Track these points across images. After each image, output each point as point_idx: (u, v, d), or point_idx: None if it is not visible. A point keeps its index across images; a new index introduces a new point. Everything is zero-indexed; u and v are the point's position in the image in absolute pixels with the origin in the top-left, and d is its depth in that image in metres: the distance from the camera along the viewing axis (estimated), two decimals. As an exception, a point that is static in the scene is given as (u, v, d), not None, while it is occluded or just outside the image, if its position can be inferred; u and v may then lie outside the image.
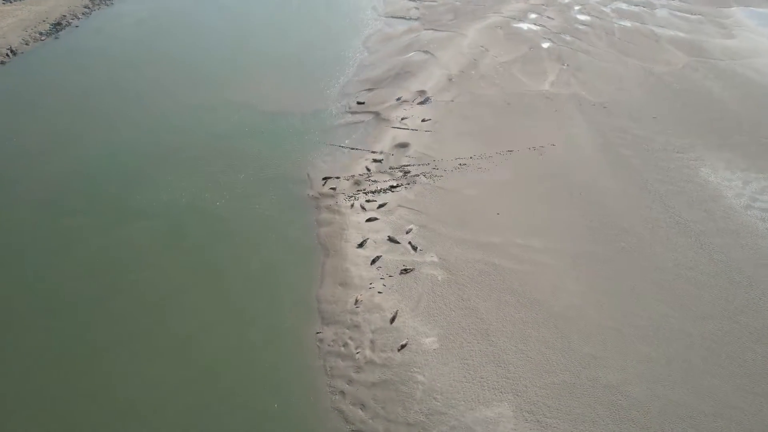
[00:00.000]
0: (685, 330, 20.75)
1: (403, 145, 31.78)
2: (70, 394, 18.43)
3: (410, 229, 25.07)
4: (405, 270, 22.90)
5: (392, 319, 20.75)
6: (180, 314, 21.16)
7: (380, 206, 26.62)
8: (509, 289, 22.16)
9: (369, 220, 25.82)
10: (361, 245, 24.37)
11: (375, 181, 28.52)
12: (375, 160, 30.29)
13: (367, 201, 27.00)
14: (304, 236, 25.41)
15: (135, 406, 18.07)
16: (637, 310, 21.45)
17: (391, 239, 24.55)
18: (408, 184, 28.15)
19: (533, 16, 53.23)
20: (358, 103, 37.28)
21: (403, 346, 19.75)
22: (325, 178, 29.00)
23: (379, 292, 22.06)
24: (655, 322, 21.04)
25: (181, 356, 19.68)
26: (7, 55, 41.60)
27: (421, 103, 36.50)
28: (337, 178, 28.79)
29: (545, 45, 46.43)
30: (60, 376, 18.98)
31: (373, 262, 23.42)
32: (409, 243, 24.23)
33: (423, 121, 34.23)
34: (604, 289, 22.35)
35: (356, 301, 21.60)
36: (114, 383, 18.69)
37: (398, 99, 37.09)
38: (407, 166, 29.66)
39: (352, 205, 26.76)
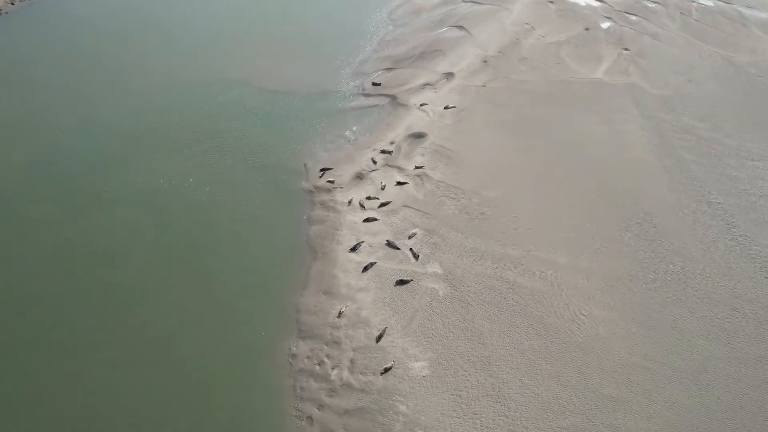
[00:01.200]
0: (732, 375, 19.82)
1: (419, 136, 31.62)
2: (30, 401, 18.95)
3: (414, 234, 24.87)
4: (401, 281, 22.77)
5: (379, 337, 20.62)
6: (145, 317, 21.59)
7: (382, 205, 26.55)
8: (522, 312, 21.68)
9: (367, 220, 25.76)
10: (354, 249, 24.35)
11: (380, 175, 28.26)
12: (383, 152, 30.23)
13: (368, 198, 26.99)
14: (291, 234, 25.60)
15: (90, 411, 18.48)
16: (676, 347, 20.63)
17: (390, 244, 24.40)
18: (418, 180, 27.76)
19: (594, -10, 52.01)
20: (374, 84, 37.36)
21: (387, 370, 19.58)
22: (324, 170, 29.12)
23: (367, 305, 21.79)
24: (697, 362, 20.17)
25: (137, 367, 20.06)
26: (-10, 16, 43.46)
27: (447, 87, 36.01)
28: (333, 169, 28.68)
29: (604, 25, 45.33)
30: (17, 383, 19.49)
31: (366, 269, 23.33)
32: (411, 250, 24.03)
33: (446, 108, 33.99)
34: (638, 318, 21.60)
35: (340, 313, 21.57)
36: (75, 388, 19.14)
37: (421, 81, 36.83)
38: (420, 159, 29.26)
39: (350, 202, 26.77)
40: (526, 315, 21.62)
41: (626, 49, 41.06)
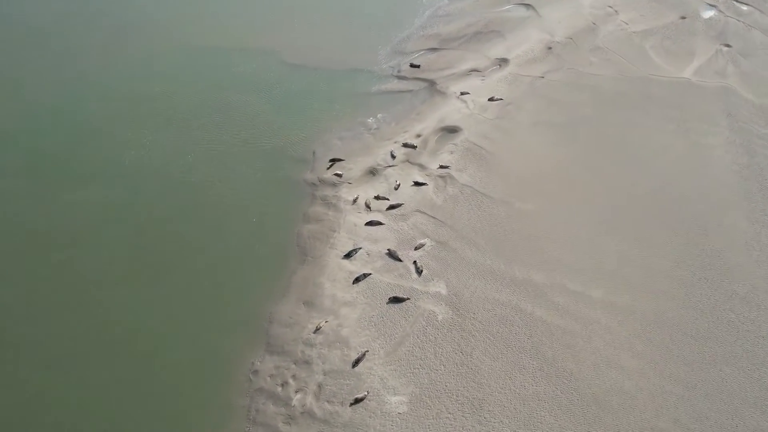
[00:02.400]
0: (787, 460, 18.38)
1: (452, 130, 31.27)
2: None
3: (422, 245, 24.56)
4: (396, 299, 22.51)
5: (356, 362, 20.47)
6: (97, 310, 22.30)
7: (392, 207, 26.39)
8: (534, 351, 20.95)
9: (370, 223, 25.67)
10: (348, 256, 24.30)
11: (397, 172, 28.46)
12: (406, 145, 30.07)
13: (377, 198, 26.90)
14: (282, 231, 25.88)
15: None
16: (718, 415, 19.33)
17: (391, 254, 24.20)
18: (440, 182, 27.67)
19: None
20: (412, 65, 37.38)
21: (358, 401, 19.41)
22: (333, 160, 29.31)
23: (350, 322, 21.87)
24: (744, 438, 18.83)
25: (88, 366, 20.79)
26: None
27: (497, 75, 35.43)
28: (344, 161, 29.03)
29: (707, 14, 43.28)
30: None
31: (357, 280, 23.25)
32: (414, 263, 23.73)
33: (490, 100, 33.46)
34: (676, 374, 20.42)
35: (317, 328, 21.57)
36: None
37: (467, 66, 36.70)
38: (448, 157, 29.12)
39: (355, 200, 26.78)
40: (538, 355, 20.84)
41: (727, 46, 38.96)
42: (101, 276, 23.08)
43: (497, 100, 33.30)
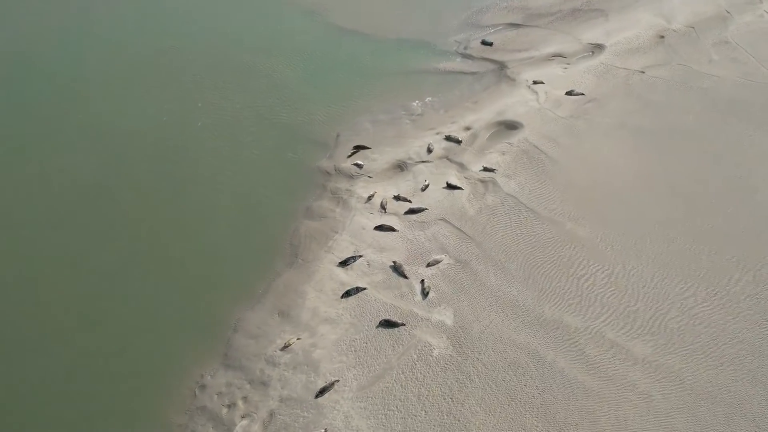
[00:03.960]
0: None
1: (511, 126, 30.75)
2: None
3: (437, 261, 24.28)
4: (388, 322, 22.34)
5: (321, 391, 20.48)
6: (50, 288, 23.59)
7: (411, 212, 26.24)
8: (543, 409, 20.19)
9: (380, 228, 25.62)
10: (345, 263, 24.39)
11: (429, 170, 28.37)
12: (449, 138, 29.86)
13: (396, 198, 26.86)
14: (276, 225, 26.14)
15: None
16: None
17: (396, 268, 24.07)
18: (479, 188, 27.42)
19: None
20: (483, 43, 37.15)
21: (310, 439, 19.38)
22: (357, 147, 29.46)
23: (326, 343, 21.99)
24: None
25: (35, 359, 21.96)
26: None
27: (585, 64, 34.65)
28: (370, 149, 29.26)
29: None
30: None
31: (348, 294, 23.28)
32: (422, 282, 23.48)
33: (568, 93, 32.62)
34: (726, 471, 19.22)
35: (286, 345, 21.76)
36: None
37: (551, 50, 36.13)
38: (497, 159, 28.74)
39: (370, 198, 26.86)
40: (546, 416, 20.09)
41: None
42: (61, 251, 24.32)
43: (577, 94, 32.37)
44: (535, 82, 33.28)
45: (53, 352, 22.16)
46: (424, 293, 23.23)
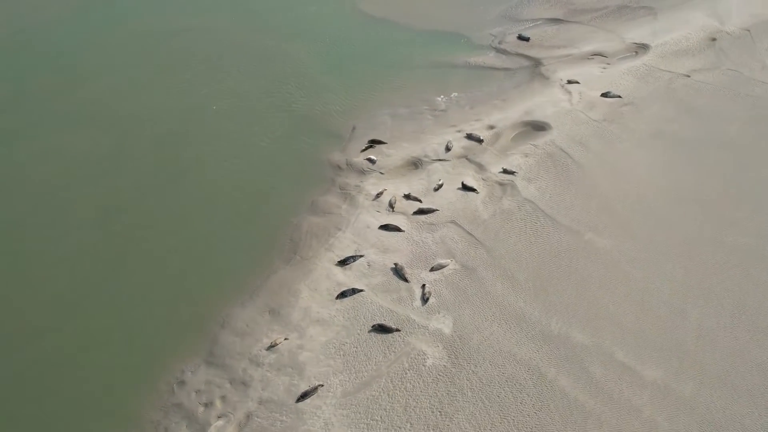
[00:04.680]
0: None
1: (539, 127, 29.81)
2: None
3: (441, 266, 23.47)
4: (382, 328, 21.62)
5: (303, 395, 19.90)
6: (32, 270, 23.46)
7: (421, 212, 25.51)
8: (535, 430, 19.29)
9: (386, 227, 25.00)
10: (344, 262, 23.80)
11: (445, 169, 27.63)
12: (470, 137, 29.13)
13: (406, 196, 26.23)
14: (278, 219, 25.73)
15: None
16: None
17: (397, 271, 23.35)
18: (497, 191, 26.60)
19: None
20: (520, 38, 36.36)
21: (285, 445, 18.76)
22: (372, 142, 29.03)
23: (315, 346, 21.42)
24: None
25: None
26: None
27: (626, 65, 33.59)
28: (386, 144, 28.72)
29: None
30: None
31: (343, 295, 22.64)
32: (423, 288, 22.70)
33: (604, 95, 31.53)
34: None
35: (272, 344, 21.29)
36: None
37: (591, 48, 35.03)
38: (518, 161, 27.83)
39: (379, 195, 26.30)
40: (540, 439, 19.13)
41: None
42: (48, 237, 24.14)
43: (613, 96, 31.21)
44: (569, 82, 32.30)
45: (26, 346, 22.04)
46: (424, 299, 22.47)
